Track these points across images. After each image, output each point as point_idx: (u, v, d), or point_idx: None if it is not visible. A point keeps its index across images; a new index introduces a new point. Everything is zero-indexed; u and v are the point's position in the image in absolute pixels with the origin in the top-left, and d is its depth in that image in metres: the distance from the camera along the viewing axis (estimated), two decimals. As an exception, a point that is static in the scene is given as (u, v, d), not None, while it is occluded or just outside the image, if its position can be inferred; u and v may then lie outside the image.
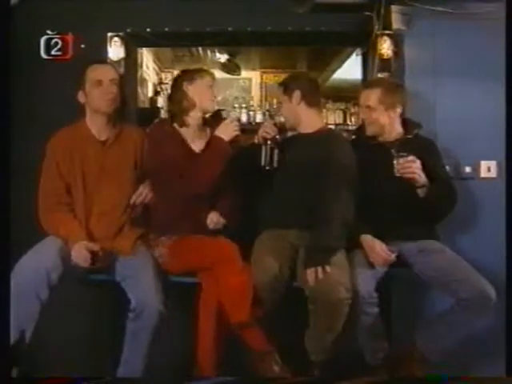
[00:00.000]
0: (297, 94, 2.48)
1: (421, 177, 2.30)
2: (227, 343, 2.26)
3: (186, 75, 2.49)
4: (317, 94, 2.56)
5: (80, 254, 2.20)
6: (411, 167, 2.29)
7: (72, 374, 2.29)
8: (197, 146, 2.46)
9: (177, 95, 2.46)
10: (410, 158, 2.29)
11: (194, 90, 2.44)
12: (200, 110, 2.46)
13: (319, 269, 2.17)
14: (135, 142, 2.46)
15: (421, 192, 2.34)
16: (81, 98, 2.41)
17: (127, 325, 2.22)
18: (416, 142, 2.50)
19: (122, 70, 2.85)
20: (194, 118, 2.46)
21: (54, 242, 2.25)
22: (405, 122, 2.56)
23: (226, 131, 2.40)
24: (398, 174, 2.30)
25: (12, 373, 2.06)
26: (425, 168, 2.33)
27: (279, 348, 2.21)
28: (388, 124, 2.50)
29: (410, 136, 2.52)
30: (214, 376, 2.22)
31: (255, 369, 2.18)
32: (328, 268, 2.18)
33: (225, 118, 2.47)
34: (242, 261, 2.24)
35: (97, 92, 2.36)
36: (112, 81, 2.38)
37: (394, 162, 2.30)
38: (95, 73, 2.39)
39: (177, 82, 2.49)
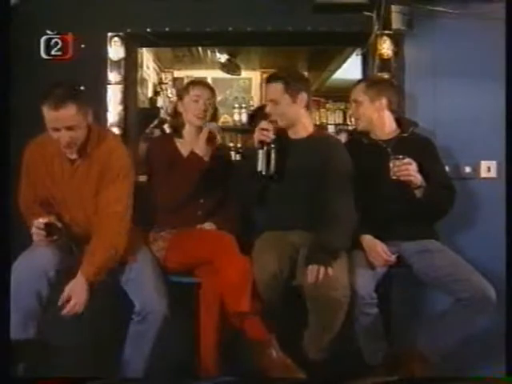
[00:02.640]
0: (303, 96, 2.42)
1: (417, 179, 2.30)
2: (228, 344, 2.26)
3: (182, 91, 2.58)
4: (311, 95, 2.52)
5: (34, 232, 2.14)
6: (408, 169, 2.28)
7: (74, 375, 2.29)
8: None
9: (172, 112, 2.64)
10: (406, 160, 2.28)
11: (182, 107, 2.52)
12: (188, 125, 2.52)
13: (321, 268, 2.15)
14: (108, 149, 2.23)
15: (418, 193, 2.34)
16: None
17: (130, 327, 2.20)
18: (413, 140, 2.49)
19: (122, 70, 2.86)
20: (186, 131, 2.53)
21: None
22: (400, 121, 2.56)
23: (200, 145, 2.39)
24: (394, 177, 2.29)
25: (17, 369, 2.05)
26: (422, 167, 2.32)
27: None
28: (376, 119, 2.50)
29: (405, 134, 2.51)
30: (216, 376, 2.21)
31: (256, 359, 2.17)
32: (330, 270, 2.15)
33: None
34: (240, 252, 2.26)
35: (54, 134, 2.13)
36: (70, 127, 2.09)
37: (390, 164, 2.29)
38: (51, 117, 2.06)
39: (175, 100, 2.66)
